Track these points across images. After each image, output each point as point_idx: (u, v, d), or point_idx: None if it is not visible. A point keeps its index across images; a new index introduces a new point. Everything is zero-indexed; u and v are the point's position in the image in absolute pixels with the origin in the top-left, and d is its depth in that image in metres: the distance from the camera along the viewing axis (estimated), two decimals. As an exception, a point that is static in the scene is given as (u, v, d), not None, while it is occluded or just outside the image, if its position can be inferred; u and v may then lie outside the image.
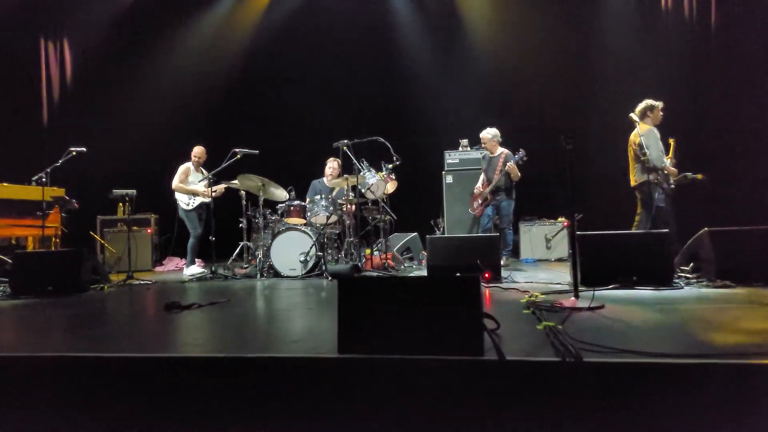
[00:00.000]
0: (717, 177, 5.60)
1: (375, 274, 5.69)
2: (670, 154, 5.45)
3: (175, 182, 6.45)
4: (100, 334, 2.79)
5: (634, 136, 5.35)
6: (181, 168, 6.53)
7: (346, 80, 9.03)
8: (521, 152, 6.16)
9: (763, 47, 6.28)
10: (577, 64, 8.00)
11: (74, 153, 5.93)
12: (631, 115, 5.27)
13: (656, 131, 5.24)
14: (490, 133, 6.46)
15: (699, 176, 5.17)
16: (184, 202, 6.44)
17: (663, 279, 3.89)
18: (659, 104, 5.38)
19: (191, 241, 6.43)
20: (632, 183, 5.46)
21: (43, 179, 5.89)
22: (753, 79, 6.59)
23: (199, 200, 6.45)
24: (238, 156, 6.13)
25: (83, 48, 8.85)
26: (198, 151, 6.67)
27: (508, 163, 6.15)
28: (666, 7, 7.53)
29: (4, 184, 6.46)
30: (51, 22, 8.65)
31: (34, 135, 8.04)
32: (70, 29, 8.82)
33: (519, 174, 6.19)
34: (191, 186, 6.46)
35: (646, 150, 5.07)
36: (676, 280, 3.97)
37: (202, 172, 6.58)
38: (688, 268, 4.23)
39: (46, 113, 8.65)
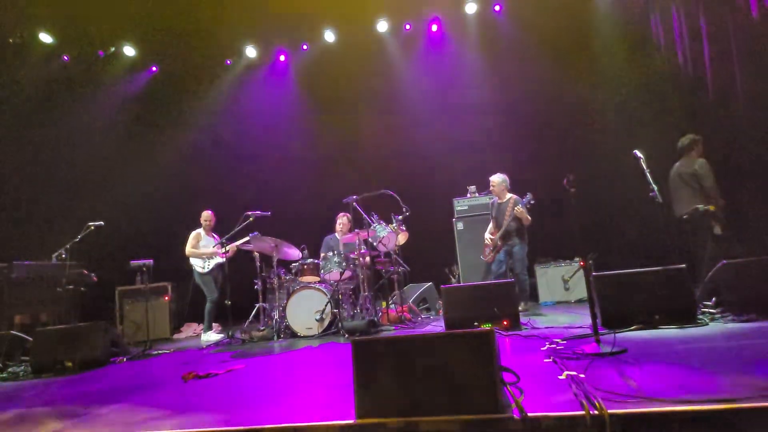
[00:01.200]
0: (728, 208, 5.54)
1: (392, 327, 5.62)
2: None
3: (188, 248, 6.55)
4: (112, 413, 2.77)
5: (684, 167, 5.44)
6: (192, 234, 6.64)
7: (351, 135, 9.26)
8: (528, 195, 6.17)
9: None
10: (580, 108, 8.11)
11: (92, 227, 6.10)
12: (688, 140, 5.46)
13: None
14: (499, 178, 6.51)
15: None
16: (199, 266, 6.51)
17: (686, 316, 3.79)
18: (700, 138, 5.57)
19: (208, 305, 6.43)
20: (679, 213, 5.45)
21: (63, 255, 6.04)
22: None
23: (213, 263, 6.51)
24: (251, 219, 6.23)
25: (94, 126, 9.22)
26: (206, 215, 6.80)
27: (516, 207, 6.16)
28: (657, 38, 7.67)
29: (25, 262, 6.60)
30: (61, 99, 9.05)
31: (52, 212, 8.28)
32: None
33: (529, 218, 6.19)
34: (203, 249, 6.55)
35: (703, 180, 5.23)
36: (700, 317, 3.86)
37: (213, 237, 6.68)
38: (710, 303, 4.11)
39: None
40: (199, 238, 6.63)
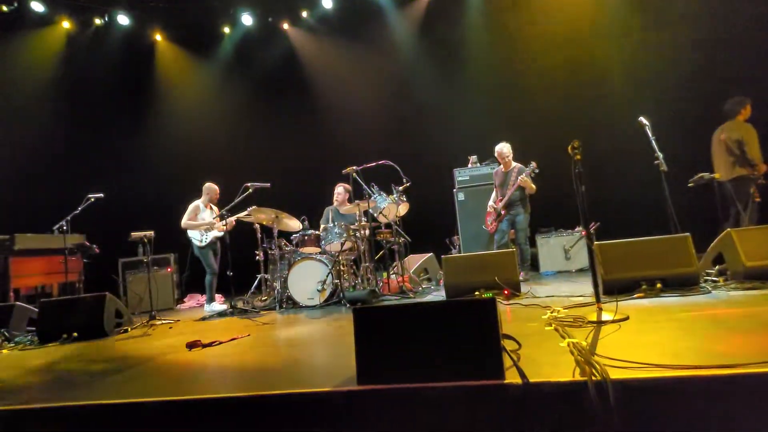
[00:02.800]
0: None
1: (393, 297, 5.65)
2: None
3: (184, 220, 6.48)
4: (119, 380, 2.80)
5: (729, 131, 5.37)
6: (191, 206, 6.55)
7: (351, 107, 9.14)
8: (532, 165, 6.11)
9: None
10: (584, 71, 7.96)
11: (92, 199, 6.08)
12: (736, 103, 5.39)
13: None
14: (506, 147, 6.43)
15: (717, 176, 5.07)
16: (196, 239, 6.47)
17: (689, 284, 3.79)
18: (749, 100, 5.47)
19: (208, 278, 6.43)
20: (723, 177, 5.39)
21: (64, 227, 6.04)
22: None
23: (211, 235, 6.47)
24: (250, 190, 6.19)
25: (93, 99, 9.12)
26: (212, 188, 6.69)
27: (521, 177, 6.11)
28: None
29: (28, 234, 6.62)
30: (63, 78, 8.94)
31: (53, 184, 8.25)
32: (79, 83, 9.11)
33: (534, 186, 6.14)
34: (200, 221, 6.47)
35: (745, 145, 5.18)
36: (703, 284, 3.86)
37: (212, 209, 6.62)
38: (713, 271, 4.11)
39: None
40: (198, 210, 6.56)
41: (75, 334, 4.79)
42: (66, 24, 8.74)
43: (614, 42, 7.82)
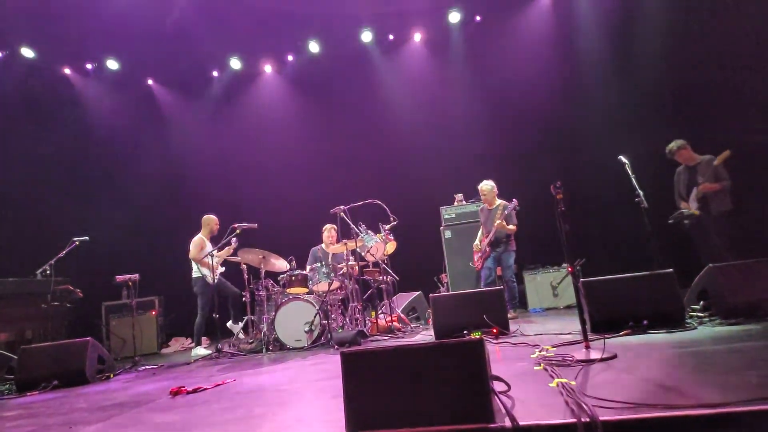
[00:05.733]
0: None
1: (382, 337, 5.59)
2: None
3: (195, 253, 6.29)
4: (101, 429, 2.71)
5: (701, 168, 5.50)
6: (196, 240, 6.42)
7: (338, 147, 9.27)
8: (514, 202, 6.21)
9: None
10: (564, 108, 8.19)
11: (77, 243, 6.01)
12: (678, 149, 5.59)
13: None
14: (489, 185, 6.54)
15: (695, 212, 5.19)
16: (207, 275, 6.26)
17: (675, 320, 3.82)
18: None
19: (198, 320, 6.30)
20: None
21: (47, 271, 5.94)
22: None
23: (218, 272, 6.40)
24: (238, 231, 6.18)
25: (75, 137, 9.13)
26: (212, 219, 6.61)
27: (496, 222, 6.18)
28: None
29: (9, 279, 6.48)
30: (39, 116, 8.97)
31: (36, 226, 8.15)
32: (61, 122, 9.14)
33: (512, 227, 6.22)
34: (208, 258, 6.15)
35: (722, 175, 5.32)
36: (689, 321, 3.89)
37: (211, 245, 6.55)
38: (698, 307, 4.15)
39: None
40: (203, 244, 6.42)
41: (55, 382, 4.65)
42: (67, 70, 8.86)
43: (593, 80, 8.09)
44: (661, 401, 1.85)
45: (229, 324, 6.48)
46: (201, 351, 6.13)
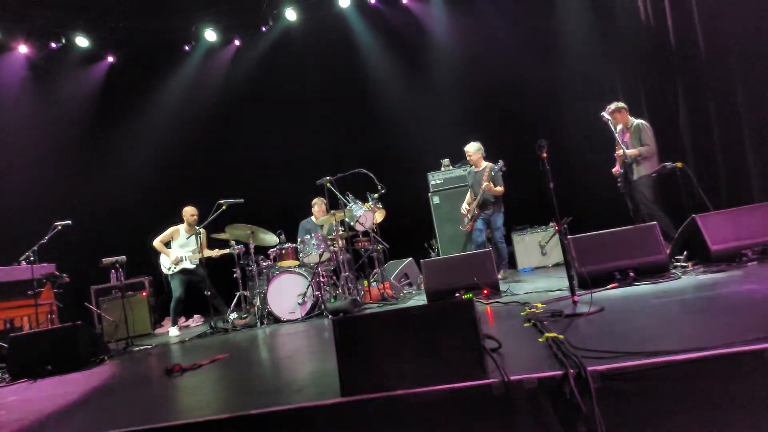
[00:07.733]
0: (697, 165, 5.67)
1: (375, 305, 5.64)
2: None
3: (156, 241, 6.49)
4: (98, 410, 2.73)
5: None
6: (170, 229, 6.55)
7: (321, 117, 9.12)
8: (500, 163, 6.19)
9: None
10: (546, 68, 8.10)
11: (59, 227, 5.91)
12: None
13: None
14: (474, 147, 6.50)
15: (678, 164, 5.23)
16: (165, 266, 6.52)
17: (659, 271, 3.90)
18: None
19: (173, 303, 6.47)
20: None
21: (31, 258, 5.86)
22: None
23: (180, 267, 6.44)
24: (224, 207, 6.13)
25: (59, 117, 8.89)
26: (189, 210, 6.61)
27: (484, 184, 6.17)
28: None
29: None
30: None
31: (18, 213, 7.99)
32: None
33: (499, 188, 6.22)
34: (170, 249, 6.49)
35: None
36: (673, 271, 3.97)
37: (197, 236, 6.47)
38: (682, 257, 4.23)
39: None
40: (175, 235, 6.52)
41: (49, 367, 4.64)
42: (23, 48, 8.51)
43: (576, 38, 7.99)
44: (647, 349, 1.89)
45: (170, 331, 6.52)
46: (173, 332, 6.37)
